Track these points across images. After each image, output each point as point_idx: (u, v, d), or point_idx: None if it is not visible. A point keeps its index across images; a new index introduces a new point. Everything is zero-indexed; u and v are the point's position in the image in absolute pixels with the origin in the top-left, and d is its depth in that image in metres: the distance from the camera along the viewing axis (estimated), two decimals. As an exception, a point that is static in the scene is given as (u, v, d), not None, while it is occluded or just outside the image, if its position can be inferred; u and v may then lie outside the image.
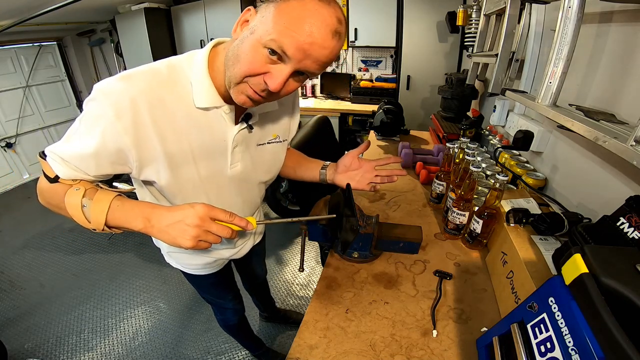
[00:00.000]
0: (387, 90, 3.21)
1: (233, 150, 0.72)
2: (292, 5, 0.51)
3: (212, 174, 0.73)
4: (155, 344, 1.74)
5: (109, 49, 4.13)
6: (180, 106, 0.62)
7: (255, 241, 1.08)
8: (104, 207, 0.58)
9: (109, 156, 0.60)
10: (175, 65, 0.63)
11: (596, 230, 0.60)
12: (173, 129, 0.62)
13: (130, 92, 0.57)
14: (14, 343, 1.74)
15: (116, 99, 0.56)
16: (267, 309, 1.76)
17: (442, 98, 2.00)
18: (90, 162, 0.60)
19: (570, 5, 0.74)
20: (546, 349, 0.44)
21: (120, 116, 0.56)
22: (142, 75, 0.59)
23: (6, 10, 2.53)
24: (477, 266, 0.91)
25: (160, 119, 0.60)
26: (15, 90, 3.67)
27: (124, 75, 0.58)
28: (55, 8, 2.49)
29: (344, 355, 0.66)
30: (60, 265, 2.37)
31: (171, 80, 0.61)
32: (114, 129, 0.56)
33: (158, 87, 0.60)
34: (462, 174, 0.99)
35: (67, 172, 0.61)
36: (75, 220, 0.60)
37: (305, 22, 0.51)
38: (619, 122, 0.71)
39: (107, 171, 0.63)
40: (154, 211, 0.59)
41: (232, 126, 0.69)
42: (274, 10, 0.52)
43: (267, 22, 0.52)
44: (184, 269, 1.00)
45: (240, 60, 0.55)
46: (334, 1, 0.54)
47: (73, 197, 0.59)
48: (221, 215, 0.59)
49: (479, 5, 1.66)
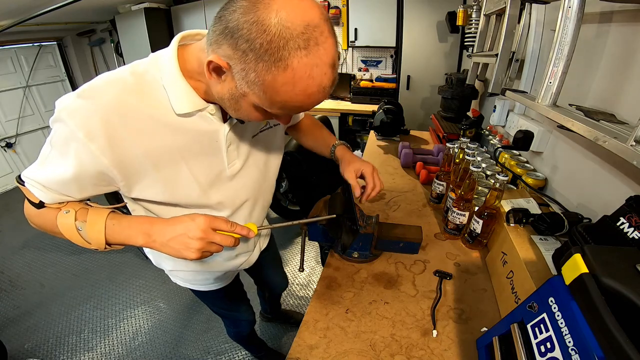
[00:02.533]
0: (387, 90, 3.21)
1: (228, 149, 0.67)
2: (283, 80, 0.43)
3: (212, 177, 0.68)
4: (155, 344, 1.74)
5: (109, 49, 4.13)
6: (158, 114, 0.55)
7: (262, 246, 1.03)
8: (99, 228, 0.56)
9: (91, 179, 0.56)
10: (141, 72, 0.56)
11: (596, 230, 0.60)
12: (155, 139, 0.56)
13: (98, 109, 0.50)
14: (14, 343, 1.74)
15: (82, 119, 0.49)
16: (273, 311, 1.74)
17: (442, 98, 2.00)
18: (71, 187, 0.56)
19: (570, 5, 0.74)
20: (546, 349, 0.44)
21: (92, 137, 0.50)
22: (106, 87, 0.53)
23: (6, 10, 2.53)
24: (477, 266, 0.91)
25: (137, 131, 0.54)
26: (15, 90, 3.67)
27: (85, 90, 0.51)
28: (55, 8, 2.49)
29: (344, 355, 0.66)
30: (60, 265, 2.36)
31: (140, 88, 0.54)
32: (88, 152, 0.51)
33: (127, 97, 0.53)
34: (462, 174, 0.99)
35: (51, 197, 0.57)
36: (75, 243, 0.58)
37: (304, 99, 0.47)
38: (619, 122, 0.72)
39: (91, 193, 0.59)
40: (154, 226, 0.57)
41: (221, 124, 0.63)
42: (263, 85, 0.45)
43: (258, 94, 0.47)
44: (192, 287, 0.96)
45: (245, 115, 0.54)
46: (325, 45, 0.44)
47: (65, 220, 0.56)
48: (223, 225, 0.59)
49: (479, 5, 1.66)
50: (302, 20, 0.41)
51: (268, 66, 0.42)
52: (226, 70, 0.47)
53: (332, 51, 0.45)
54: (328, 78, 0.46)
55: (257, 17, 0.41)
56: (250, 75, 0.44)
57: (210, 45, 0.47)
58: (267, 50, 0.41)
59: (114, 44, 3.98)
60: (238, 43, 0.43)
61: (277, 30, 0.41)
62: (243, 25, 0.41)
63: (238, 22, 0.42)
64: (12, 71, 3.63)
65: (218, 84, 0.51)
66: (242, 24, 0.42)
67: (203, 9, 3.42)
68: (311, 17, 0.42)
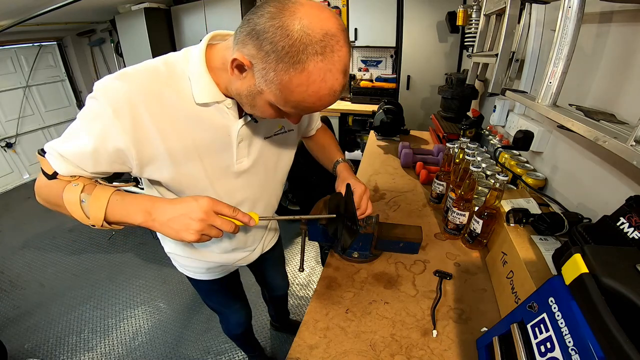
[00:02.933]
0: (387, 90, 3.21)
1: (238, 145, 0.69)
2: (298, 82, 0.48)
3: (219, 171, 0.71)
4: (155, 344, 1.74)
5: (109, 49, 4.13)
6: (181, 103, 0.61)
7: (265, 248, 1.03)
8: (102, 203, 0.58)
9: (108, 155, 0.59)
10: (173, 62, 0.62)
11: (596, 230, 0.60)
12: (174, 125, 0.61)
13: (129, 91, 0.56)
14: (14, 343, 1.74)
15: (114, 97, 0.55)
16: (280, 320, 1.73)
17: (442, 98, 2.00)
18: (87, 160, 0.59)
19: (570, 5, 0.74)
20: (546, 349, 0.44)
21: (119, 115, 0.55)
22: (140, 73, 0.59)
23: (6, 10, 2.53)
24: (477, 266, 0.91)
25: (159, 116, 0.59)
26: (15, 90, 3.67)
27: (122, 73, 0.57)
28: (55, 8, 2.49)
29: (344, 355, 0.66)
30: (60, 265, 2.37)
31: (169, 77, 0.60)
32: (113, 128, 0.56)
33: (157, 85, 0.59)
34: (462, 174, 0.99)
35: (65, 168, 0.60)
36: (74, 217, 0.59)
37: (315, 101, 0.51)
38: (619, 122, 0.72)
39: (104, 169, 0.62)
40: (155, 204, 0.58)
41: (235, 120, 0.67)
42: (280, 85, 0.49)
43: (274, 93, 0.51)
44: (187, 273, 0.98)
45: (260, 112, 0.58)
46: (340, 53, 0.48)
47: (71, 192, 0.58)
48: (225, 210, 0.59)
49: (479, 5, 1.66)
50: (321, 28, 0.46)
51: (287, 67, 0.47)
52: (248, 68, 0.51)
53: (345, 59, 0.50)
54: (339, 83, 0.51)
55: (282, 22, 0.45)
56: (270, 74, 0.48)
57: (236, 44, 0.52)
58: (287, 53, 0.46)
59: (114, 44, 3.98)
60: (262, 44, 0.47)
61: (299, 35, 0.45)
62: (269, 29, 0.46)
63: (265, 25, 0.46)
64: (12, 71, 3.63)
65: (238, 80, 0.55)
66: (269, 28, 0.46)
67: (203, 9, 3.42)
68: (329, 27, 0.47)
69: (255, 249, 0.98)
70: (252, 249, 0.96)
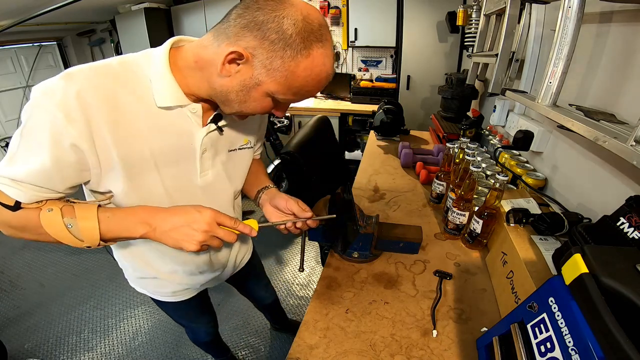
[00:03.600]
0: (387, 90, 3.21)
1: (202, 156, 0.66)
2: (304, 66, 0.51)
3: (180, 184, 0.66)
4: (155, 344, 1.74)
5: (109, 49, 4.13)
6: (138, 105, 0.56)
7: (238, 266, 1.00)
8: (93, 223, 0.53)
9: (71, 164, 0.53)
10: (130, 62, 0.57)
11: (596, 230, 0.60)
12: (129, 130, 0.55)
13: (77, 89, 0.49)
14: (14, 343, 1.74)
15: (62, 98, 0.49)
16: (279, 322, 1.71)
17: (442, 98, 2.00)
18: (54, 177, 0.52)
19: (570, 5, 0.74)
20: (546, 349, 0.44)
21: (71, 118, 0.49)
22: (89, 71, 0.53)
23: (6, 10, 2.53)
24: (477, 266, 0.91)
25: (114, 118, 0.53)
26: (15, 90, 3.67)
27: (67, 74, 0.51)
28: (55, 8, 2.49)
29: (344, 355, 0.66)
30: (60, 265, 2.36)
31: (125, 76, 0.55)
32: (67, 134, 0.49)
33: (110, 83, 0.53)
34: (462, 174, 0.99)
35: (28, 195, 0.52)
36: (64, 243, 0.54)
37: (317, 84, 0.55)
38: (619, 122, 0.72)
39: (75, 181, 0.56)
40: (153, 214, 0.56)
41: (199, 127, 0.63)
42: (285, 71, 0.51)
43: (278, 80, 0.52)
44: (152, 296, 0.91)
45: (250, 106, 0.57)
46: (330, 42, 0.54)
47: (51, 220, 0.52)
48: (227, 221, 0.59)
49: (479, 5, 1.66)
50: (316, 18, 0.51)
51: (294, 53, 0.50)
52: (247, 60, 0.51)
53: (332, 47, 0.56)
54: (332, 68, 0.56)
55: (286, 13, 0.49)
56: (276, 62, 0.50)
57: (227, 39, 0.51)
58: (295, 40, 0.49)
59: (114, 44, 3.98)
60: (267, 34, 0.49)
61: (303, 25, 0.49)
62: (273, 19, 0.48)
63: (266, 17, 0.48)
64: (12, 71, 3.63)
65: (226, 77, 0.53)
66: (272, 19, 0.48)
67: (203, 9, 3.42)
68: (321, 19, 0.53)
69: (225, 269, 0.94)
70: (220, 270, 0.91)
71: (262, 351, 1.70)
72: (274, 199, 0.79)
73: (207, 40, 0.55)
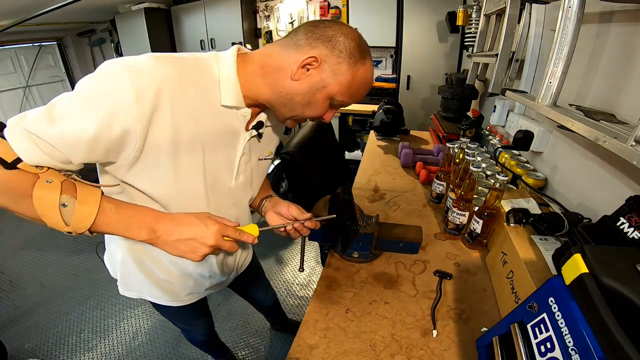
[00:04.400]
0: (387, 90, 3.21)
1: (241, 158, 0.70)
2: (361, 73, 0.61)
3: (216, 180, 0.68)
4: (155, 344, 1.74)
5: (109, 49, 4.13)
6: (203, 99, 0.59)
7: (240, 270, 1.00)
8: (92, 209, 0.50)
9: (109, 143, 0.50)
10: (203, 59, 0.61)
11: (596, 230, 0.60)
12: (190, 114, 0.57)
13: (160, 74, 0.52)
14: (14, 343, 1.74)
15: (143, 78, 0.49)
16: (279, 322, 1.72)
17: (442, 98, 2.00)
18: (82, 148, 0.49)
19: (570, 5, 0.74)
20: (546, 349, 0.44)
21: (141, 99, 0.49)
22: (172, 59, 0.55)
23: (6, 11, 2.53)
24: (477, 266, 0.91)
25: (180, 105, 0.55)
26: (15, 90, 3.68)
27: (155, 56, 0.53)
28: (55, 8, 2.49)
29: (344, 355, 0.66)
30: (60, 265, 2.36)
31: (198, 73, 0.59)
32: (129, 112, 0.48)
33: (186, 75, 0.56)
34: (462, 174, 0.99)
35: (39, 156, 0.48)
36: (43, 220, 0.48)
37: (366, 88, 0.65)
38: (619, 122, 0.72)
39: (96, 159, 0.53)
40: (159, 222, 0.56)
41: (244, 131, 0.68)
42: (349, 75, 0.60)
43: (342, 83, 0.61)
44: (149, 298, 0.87)
45: (312, 107, 0.64)
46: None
47: (46, 192, 0.47)
48: (232, 233, 0.60)
49: (479, 5, 1.66)
50: (364, 40, 0.63)
51: (356, 61, 0.60)
52: (318, 64, 0.59)
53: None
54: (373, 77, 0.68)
55: (347, 31, 0.60)
56: (343, 66, 0.59)
57: (298, 48, 0.59)
58: (356, 52, 0.60)
59: (114, 44, 3.99)
60: (335, 45, 0.59)
61: (358, 43, 0.60)
62: (340, 37, 0.59)
63: (334, 33, 0.59)
64: (12, 71, 3.64)
65: (296, 80, 0.60)
66: (339, 34, 0.59)
67: (203, 9, 3.42)
68: (365, 41, 0.64)
69: (230, 275, 0.95)
70: (227, 275, 0.92)
71: (262, 351, 1.70)
72: (277, 205, 0.83)
73: (272, 50, 0.63)
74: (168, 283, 0.83)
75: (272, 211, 0.83)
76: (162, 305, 0.90)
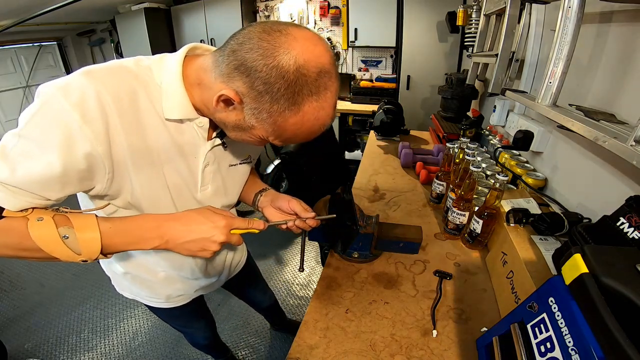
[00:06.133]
0: (387, 90, 3.21)
1: (204, 170, 0.64)
2: (292, 122, 0.49)
3: (180, 194, 0.64)
4: (155, 344, 1.74)
5: (109, 49, 4.13)
6: (149, 112, 0.53)
7: (233, 272, 1.00)
8: (94, 234, 0.49)
9: (79, 172, 0.48)
10: (145, 66, 0.54)
11: (596, 230, 0.60)
12: (140, 127, 0.52)
13: (98, 89, 0.46)
14: (14, 343, 1.74)
15: (80, 97, 0.45)
16: (278, 322, 1.71)
17: (442, 98, 2.00)
18: (54, 185, 0.47)
19: (570, 5, 0.74)
20: (546, 349, 0.44)
21: (89, 119, 0.45)
22: (108, 70, 0.50)
23: (6, 11, 2.53)
24: (477, 266, 0.91)
25: (128, 121, 0.50)
26: (15, 90, 3.68)
27: (87, 70, 0.48)
28: (55, 8, 2.49)
29: (344, 355, 0.66)
30: (60, 265, 2.36)
31: (138, 83, 0.52)
32: (82, 136, 0.45)
33: (129, 83, 0.51)
34: (462, 174, 0.99)
35: (19, 201, 0.47)
36: (55, 257, 0.49)
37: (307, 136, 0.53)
38: (619, 122, 0.72)
39: (73, 190, 0.51)
40: (164, 225, 0.54)
41: (204, 142, 0.61)
42: (274, 125, 0.49)
43: (268, 130, 0.51)
44: (143, 301, 0.88)
45: (245, 139, 0.56)
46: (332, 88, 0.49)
47: (43, 229, 0.47)
48: (241, 224, 0.60)
49: (479, 5, 1.66)
50: (315, 66, 0.45)
51: (282, 109, 0.46)
52: (237, 104, 0.49)
53: (336, 93, 0.50)
54: (330, 117, 0.52)
55: (277, 62, 0.43)
56: (263, 114, 0.48)
57: (220, 75, 0.48)
58: (283, 95, 0.45)
59: (114, 44, 3.99)
60: (255, 84, 0.45)
61: (295, 77, 0.44)
62: (262, 68, 0.44)
63: (256, 63, 0.44)
64: (12, 71, 3.64)
65: (223, 112, 0.52)
66: (261, 67, 0.44)
67: (203, 9, 3.42)
68: (323, 63, 0.46)
69: (220, 276, 0.94)
70: (215, 277, 0.91)
71: (262, 351, 1.70)
72: (276, 200, 0.78)
73: (209, 63, 0.51)
74: (152, 283, 0.82)
75: (272, 206, 0.78)
76: (155, 308, 0.90)
